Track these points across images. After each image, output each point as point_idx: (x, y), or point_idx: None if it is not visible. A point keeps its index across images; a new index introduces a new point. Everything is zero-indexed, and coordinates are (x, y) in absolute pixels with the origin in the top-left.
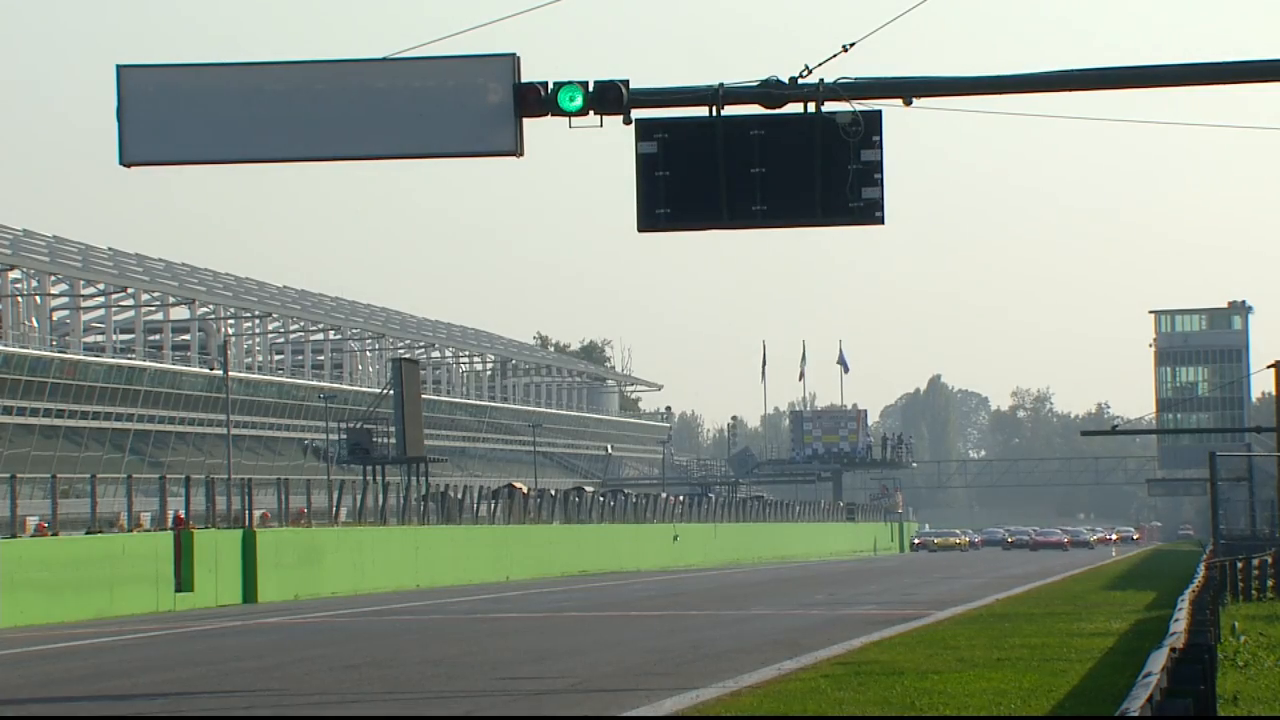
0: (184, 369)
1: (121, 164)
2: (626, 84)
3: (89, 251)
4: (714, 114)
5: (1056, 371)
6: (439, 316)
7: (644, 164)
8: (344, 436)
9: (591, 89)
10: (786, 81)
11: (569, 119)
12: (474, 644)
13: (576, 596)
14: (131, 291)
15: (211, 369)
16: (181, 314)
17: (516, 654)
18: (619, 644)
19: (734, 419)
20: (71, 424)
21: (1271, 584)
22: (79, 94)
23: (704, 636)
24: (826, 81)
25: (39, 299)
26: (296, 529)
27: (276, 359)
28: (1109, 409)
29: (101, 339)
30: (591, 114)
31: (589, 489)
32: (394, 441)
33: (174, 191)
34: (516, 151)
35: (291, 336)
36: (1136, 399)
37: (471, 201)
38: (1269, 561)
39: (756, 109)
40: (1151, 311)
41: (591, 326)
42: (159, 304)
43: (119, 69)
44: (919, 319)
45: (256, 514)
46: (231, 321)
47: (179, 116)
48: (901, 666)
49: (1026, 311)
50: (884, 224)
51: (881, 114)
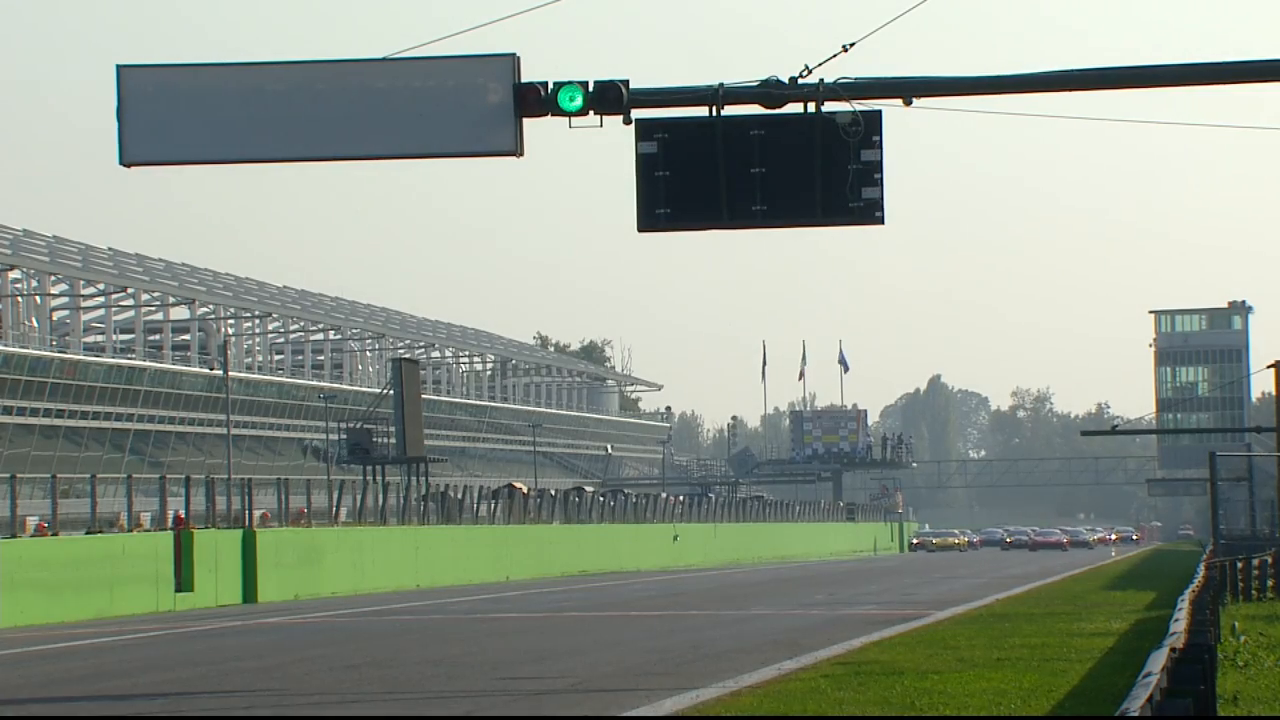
0: (184, 369)
1: (121, 164)
2: (626, 84)
3: (89, 251)
4: (714, 114)
5: (1056, 371)
6: (439, 316)
7: (644, 164)
8: (344, 436)
9: (591, 89)
10: (786, 81)
11: (569, 119)
12: (474, 644)
13: (576, 596)
14: (131, 291)
15: (211, 369)
16: (181, 314)
17: (516, 654)
18: (619, 644)
19: (734, 419)
20: (71, 424)
21: (1271, 584)
22: (79, 94)
23: (704, 636)
24: (826, 81)
25: (39, 299)
26: (296, 529)
27: (276, 359)
28: (1109, 409)
29: (101, 339)
30: (591, 114)
31: (589, 489)
32: (394, 441)
33: (174, 191)
34: (516, 151)
35: (291, 336)
36: (1136, 399)
37: (471, 201)
38: (1269, 561)
39: (756, 109)
40: (1151, 311)
41: (591, 326)
42: (159, 304)
43: (119, 69)
44: (919, 319)
45: (256, 514)
46: (231, 321)
47: (179, 116)
48: (901, 666)
49: (1026, 311)
50: (884, 224)
51: (881, 114)
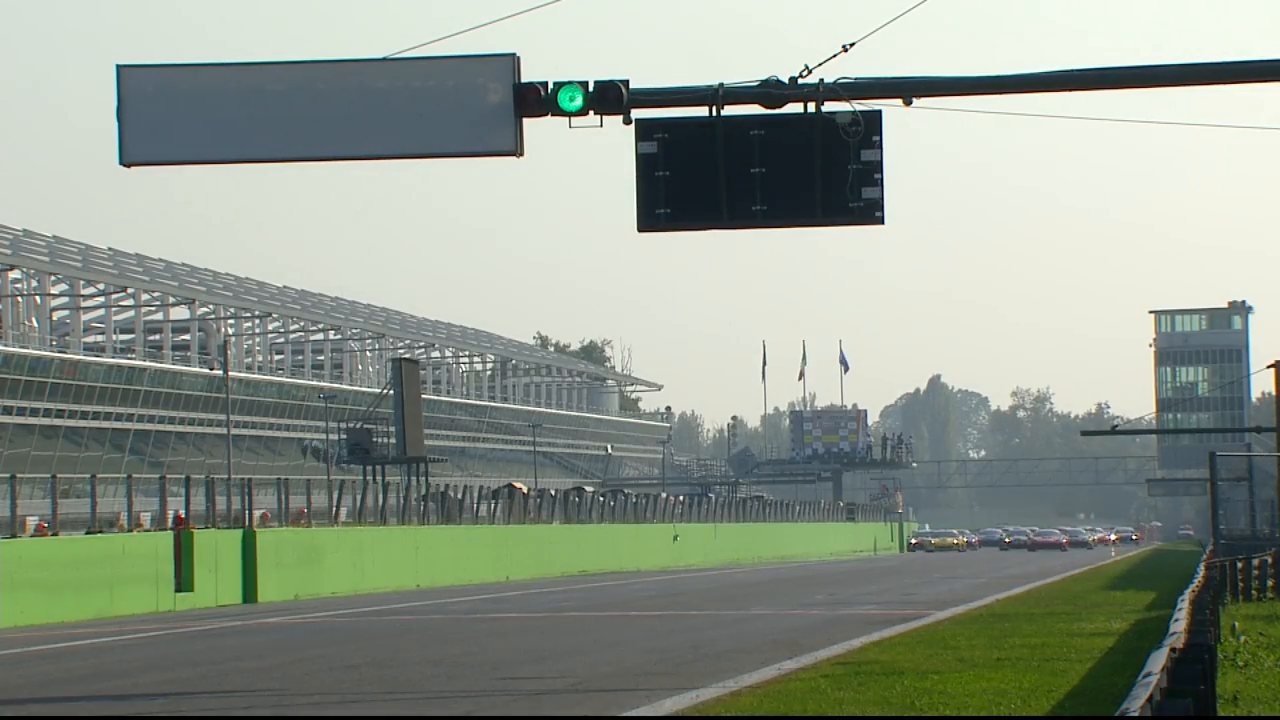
0: (184, 369)
1: (121, 164)
2: (626, 84)
3: (89, 251)
4: (714, 114)
5: (1056, 371)
6: (439, 316)
7: (644, 164)
8: (344, 436)
9: (591, 89)
10: (786, 81)
11: (569, 119)
12: (474, 644)
13: (576, 596)
14: (131, 291)
15: (211, 369)
16: (181, 314)
17: (516, 654)
18: (619, 644)
19: (734, 419)
20: (71, 424)
21: (1271, 584)
22: (79, 94)
23: (704, 636)
24: (826, 81)
25: (39, 299)
26: (296, 529)
27: (276, 359)
28: (1109, 409)
29: (101, 339)
30: (591, 114)
31: (589, 489)
32: (394, 441)
33: (174, 191)
34: (516, 151)
35: (291, 336)
36: (1136, 399)
37: (471, 201)
38: (1269, 561)
39: (756, 109)
40: (1151, 311)
41: (591, 326)
42: (159, 304)
43: (119, 69)
44: (919, 319)
45: (256, 514)
46: (231, 321)
47: (179, 116)
48: (901, 666)
49: (1026, 311)
50: (884, 224)
51: (881, 114)
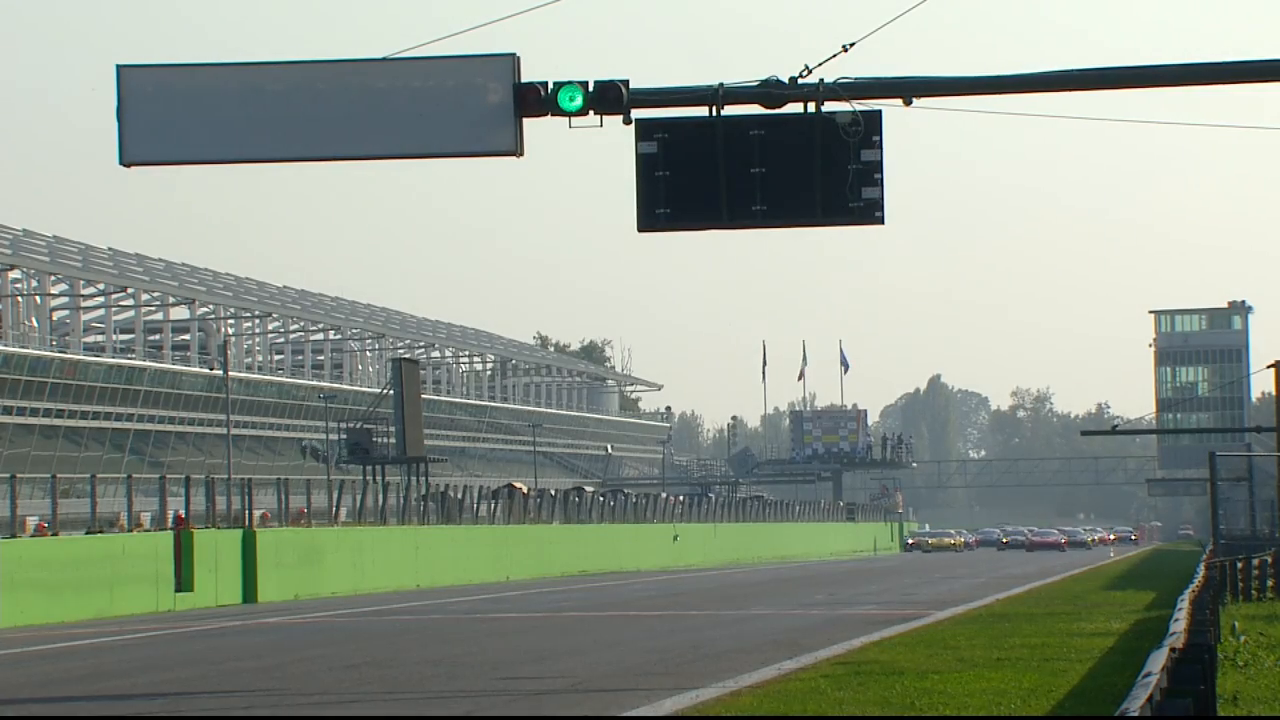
0: (184, 369)
1: (121, 164)
2: (626, 84)
3: (89, 251)
4: (714, 114)
5: (1056, 371)
6: (439, 316)
7: (644, 164)
8: (344, 436)
9: (591, 89)
10: (786, 81)
11: (569, 119)
12: (474, 644)
13: (576, 596)
14: (131, 291)
15: (211, 369)
16: (181, 314)
17: (516, 654)
18: (619, 644)
19: (734, 419)
20: (71, 424)
21: (1271, 584)
22: (79, 94)
23: (704, 636)
24: (826, 81)
25: (39, 299)
26: (296, 529)
27: (276, 359)
28: (1109, 409)
29: (101, 339)
30: (591, 114)
31: (589, 489)
32: (394, 441)
33: (174, 191)
34: (516, 151)
35: (291, 336)
36: (1136, 399)
37: (471, 201)
38: (1269, 561)
39: (756, 109)
40: (1151, 311)
41: (591, 326)
42: (159, 304)
43: (119, 69)
44: (919, 319)
45: (256, 514)
46: (231, 321)
47: (178, 116)
48: (901, 666)
49: (1026, 311)
50: (884, 224)
51: (881, 114)
